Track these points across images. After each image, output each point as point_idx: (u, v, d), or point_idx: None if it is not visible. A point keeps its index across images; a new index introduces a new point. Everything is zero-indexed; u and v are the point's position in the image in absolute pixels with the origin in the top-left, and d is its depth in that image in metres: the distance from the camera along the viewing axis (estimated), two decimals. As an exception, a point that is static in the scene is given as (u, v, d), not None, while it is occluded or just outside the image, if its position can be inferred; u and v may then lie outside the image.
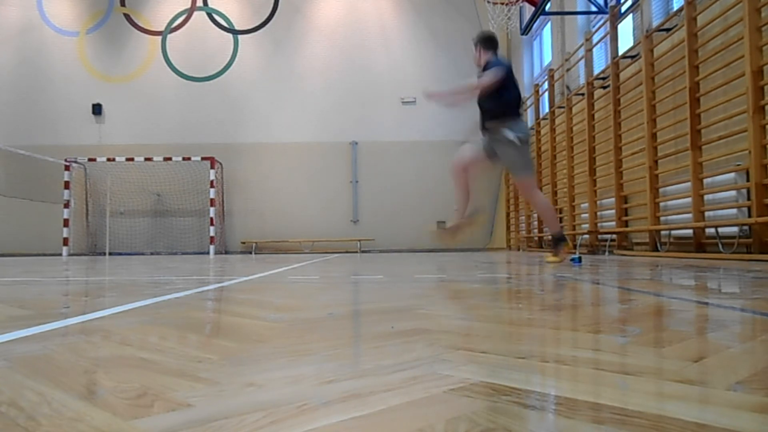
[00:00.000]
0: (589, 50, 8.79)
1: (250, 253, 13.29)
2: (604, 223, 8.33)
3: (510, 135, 4.47)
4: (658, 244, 6.73)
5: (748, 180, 5.09)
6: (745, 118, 5.01)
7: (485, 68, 4.65)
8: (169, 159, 13.32)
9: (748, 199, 5.08)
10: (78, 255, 12.61)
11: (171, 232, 13.92)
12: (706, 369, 0.87)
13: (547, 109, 11.00)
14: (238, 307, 1.85)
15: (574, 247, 8.57)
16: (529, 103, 12.31)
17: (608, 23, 8.10)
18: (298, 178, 14.02)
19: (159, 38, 14.48)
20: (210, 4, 14.58)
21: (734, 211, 5.37)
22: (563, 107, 9.76)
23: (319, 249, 13.71)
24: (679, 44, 6.17)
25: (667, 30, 6.54)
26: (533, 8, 9.16)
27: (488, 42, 4.80)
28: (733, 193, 5.38)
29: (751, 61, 4.90)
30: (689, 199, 5.92)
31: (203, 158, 13.15)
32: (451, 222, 5.00)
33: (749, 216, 5.10)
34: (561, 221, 10.19)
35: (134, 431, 0.61)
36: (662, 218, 6.63)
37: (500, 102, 4.53)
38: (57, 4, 14.52)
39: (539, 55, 12.76)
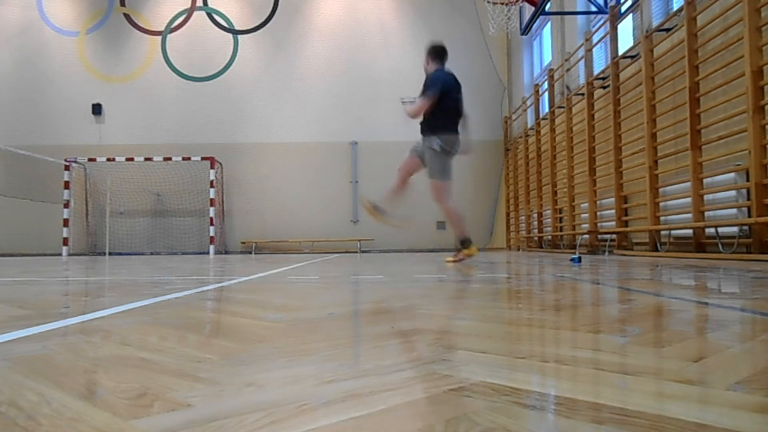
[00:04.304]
0: (589, 50, 8.79)
1: (250, 253, 13.29)
2: (604, 223, 8.33)
3: (435, 145, 5.20)
4: (658, 244, 6.73)
5: (748, 180, 5.09)
6: (745, 118, 5.01)
7: (425, 83, 5.29)
8: (169, 159, 13.32)
9: (748, 199, 5.08)
10: (78, 255, 12.61)
11: (171, 232, 13.92)
12: (706, 369, 0.87)
13: (547, 109, 11.00)
14: (238, 307, 1.84)
15: (574, 247, 8.57)
16: (529, 103, 12.31)
17: (608, 23, 8.10)
18: (298, 178, 14.02)
19: (159, 38, 14.48)
20: (210, 4, 14.57)
21: (734, 211, 5.37)
22: (563, 107, 9.77)
23: (319, 249, 13.71)
24: (679, 44, 6.18)
25: (667, 30, 6.54)
26: (533, 8, 9.16)
27: (434, 52, 5.48)
28: (733, 193, 5.38)
29: (751, 61, 4.90)
30: (689, 199, 5.92)
31: (203, 158, 13.15)
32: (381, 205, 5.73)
33: (749, 216, 5.10)
34: (561, 221, 10.20)
35: (134, 431, 0.61)
36: (662, 218, 6.63)
37: (432, 117, 5.25)
38: (57, 4, 14.52)
39: (539, 55, 12.76)
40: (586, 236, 8.57)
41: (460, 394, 0.73)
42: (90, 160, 13.29)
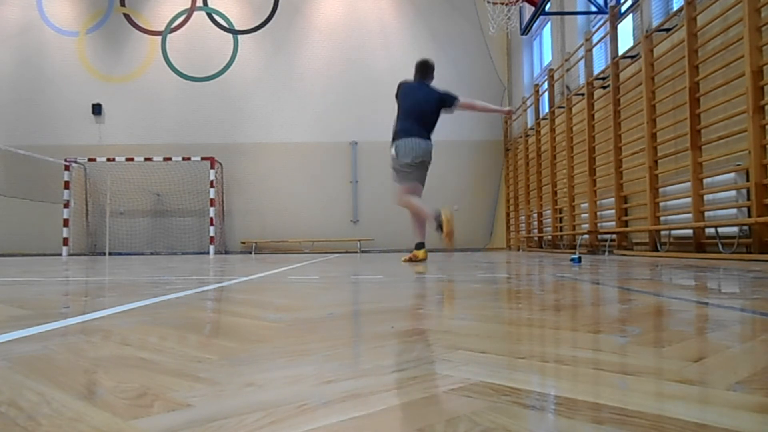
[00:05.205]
0: (589, 50, 8.79)
1: (250, 253, 13.29)
2: (604, 223, 8.32)
3: (392, 152, 5.87)
4: (658, 244, 6.73)
5: (748, 180, 5.09)
6: (745, 118, 5.01)
7: None
8: (169, 159, 13.32)
9: (748, 199, 5.08)
10: (78, 255, 12.61)
11: (171, 232, 13.92)
12: (706, 369, 0.87)
13: (547, 109, 11.00)
14: (238, 307, 1.84)
15: (574, 247, 8.57)
16: (529, 103, 12.31)
17: (608, 23, 8.10)
18: (298, 178, 14.02)
19: (159, 38, 14.48)
20: (210, 4, 14.57)
21: (734, 211, 5.37)
22: (563, 107, 9.76)
23: (319, 249, 13.71)
24: (679, 44, 6.17)
25: (667, 30, 6.54)
26: (533, 8, 9.16)
27: (416, 69, 6.00)
28: (733, 193, 5.38)
29: (751, 61, 4.90)
30: (689, 199, 5.92)
31: (203, 158, 13.16)
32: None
33: (749, 216, 5.10)
34: (561, 221, 10.20)
35: (134, 431, 0.61)
36: (662, 218, 6.63)
37: (394, 125, 5.98)
38: (57, 4, 14.52)
39: (539, 55, 12.76)
40: (586, 236, 8.57)
41: (460, 394, 0.73)
42: (90, 160, 13.30)
